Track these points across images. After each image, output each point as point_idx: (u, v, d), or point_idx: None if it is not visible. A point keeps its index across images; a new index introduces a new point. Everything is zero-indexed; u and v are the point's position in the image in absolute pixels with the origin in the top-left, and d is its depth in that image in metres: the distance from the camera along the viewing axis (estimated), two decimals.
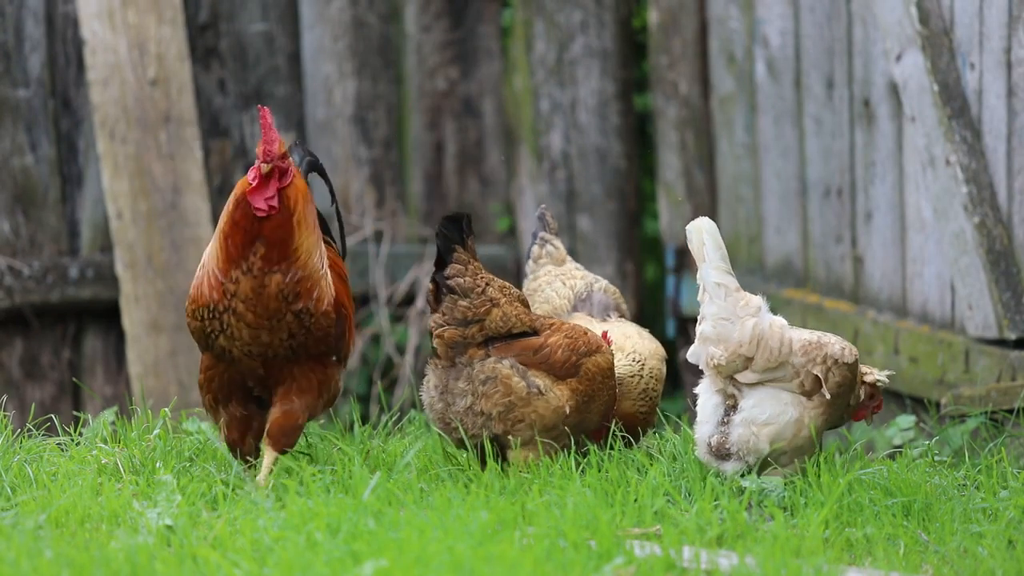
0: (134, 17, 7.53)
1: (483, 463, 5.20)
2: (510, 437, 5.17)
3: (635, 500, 4.86)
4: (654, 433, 5.87)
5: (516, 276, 8.14)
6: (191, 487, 4.99)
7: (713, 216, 7.94)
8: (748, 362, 5.24)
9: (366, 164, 8.05)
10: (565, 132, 8.13)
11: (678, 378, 8.13)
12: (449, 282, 5.16)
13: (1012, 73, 6.24)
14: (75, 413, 7.25)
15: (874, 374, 5.51)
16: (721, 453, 5.26)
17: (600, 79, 8.10)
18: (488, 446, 5.16)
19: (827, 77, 7.20)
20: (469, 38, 8.20)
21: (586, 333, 5.35)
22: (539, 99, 8.13)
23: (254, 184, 5.02)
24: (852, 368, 5.31)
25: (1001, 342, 6.34)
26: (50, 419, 5.94)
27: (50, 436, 5.56)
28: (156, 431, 5.43)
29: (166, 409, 5.57)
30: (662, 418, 5.83)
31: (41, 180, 7.48)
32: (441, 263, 5.18)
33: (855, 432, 6.25)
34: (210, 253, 5.11)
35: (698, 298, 5.34)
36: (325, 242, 5.29)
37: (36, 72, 7.46)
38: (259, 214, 5.02)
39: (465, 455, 5.34)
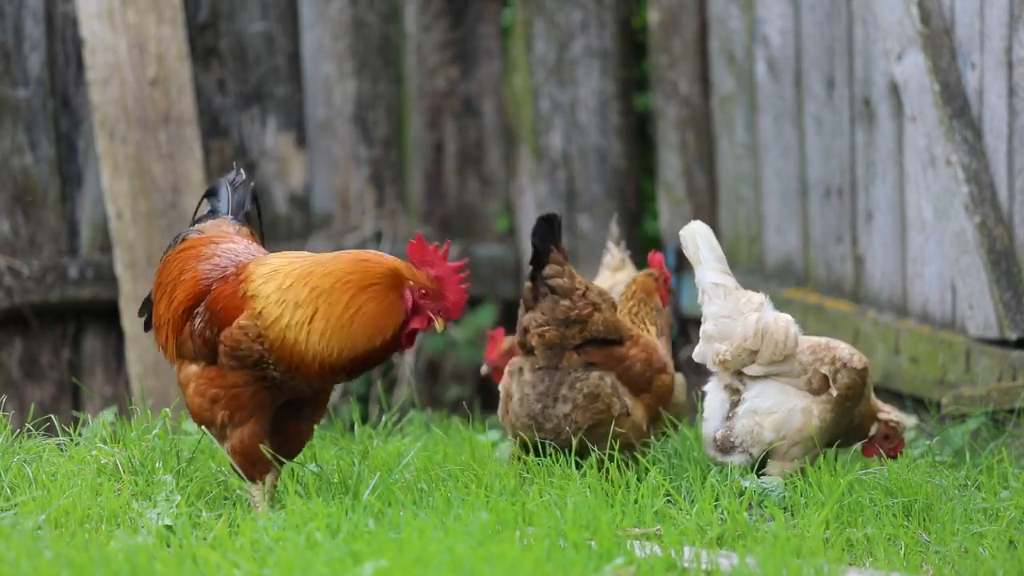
0: (134, 17, 7.52)
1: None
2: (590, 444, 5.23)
3: (635, 500, 4.86)
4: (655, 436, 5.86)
5: (516, 276, 8.13)
6: (190, 487, 4.98)
7: (713, 216, 7.95)
8: (754, 356, 5.25)
9: (366, 164, 8.04)
10: (565, 132, 8.12)
11: None
12: (549, 282, 5.19)
13: (1013, 73, 6.24)
14: (75, 413, 7.24)
15: (893, 414, 5.49)
16: (725, 447, 5.27)
17: (600, 79, 8.09)
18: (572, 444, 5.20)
19: (827, 77, 7.20)
20: (469, 38, 8.19)
21: (657, 349, 5.40)
22: (539, 99, 8.12)
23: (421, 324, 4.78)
24: (861, 374, 5.31)
25: (1002, 342, 6.34)
26: (49, 419, 5.93)
27: (49, 436, 5.55)
28: (156, 431, 5.42)
29: (166, 409, 5.56)
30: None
31: (41, 180, 7.47)
32: (538, 263, 5.20)
33: None
34: (318, 325, 4.76)
35: (698, 300, 5.35)
36: None
37: (36, 72, 7.45)
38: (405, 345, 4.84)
39: (464, 456, 5.33)
